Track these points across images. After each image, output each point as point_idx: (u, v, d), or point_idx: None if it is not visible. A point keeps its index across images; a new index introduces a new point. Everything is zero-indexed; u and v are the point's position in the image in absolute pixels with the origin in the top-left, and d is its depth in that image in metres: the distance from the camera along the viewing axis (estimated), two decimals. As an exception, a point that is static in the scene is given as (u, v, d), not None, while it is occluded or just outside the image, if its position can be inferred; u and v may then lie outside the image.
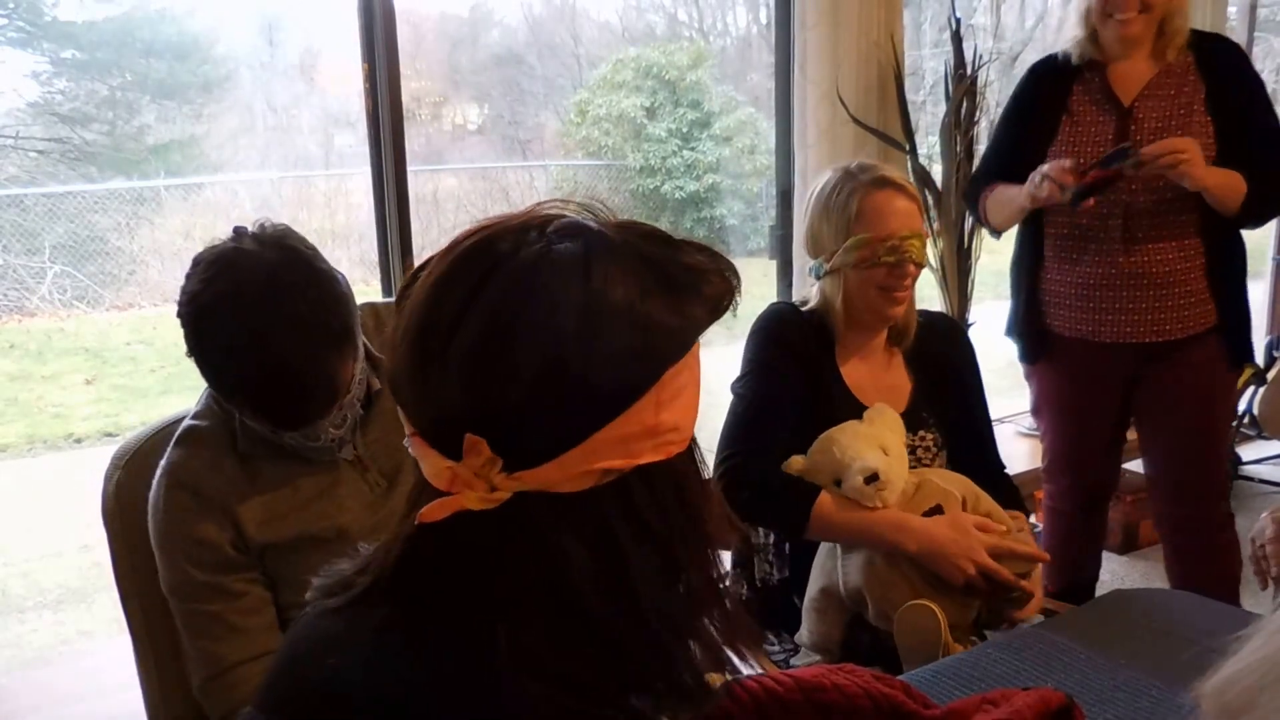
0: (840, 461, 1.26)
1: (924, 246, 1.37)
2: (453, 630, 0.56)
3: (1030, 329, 1.89)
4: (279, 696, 0.61)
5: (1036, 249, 1.85)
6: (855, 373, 1.41)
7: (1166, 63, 1.72)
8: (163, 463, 1.08)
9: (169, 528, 1.05)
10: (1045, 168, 1.67)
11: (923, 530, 1.23)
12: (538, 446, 0.54)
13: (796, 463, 1.31)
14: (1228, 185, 1.66)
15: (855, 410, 1.37)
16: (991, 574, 1.21)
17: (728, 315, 0.61)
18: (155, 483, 1.07)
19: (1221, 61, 1.73)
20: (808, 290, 1.48)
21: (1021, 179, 1.76)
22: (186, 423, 1.10)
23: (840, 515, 1.25)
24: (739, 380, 1.41)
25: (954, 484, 1.31)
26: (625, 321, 0.54)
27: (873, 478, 1.24)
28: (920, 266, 1.37)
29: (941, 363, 1.46)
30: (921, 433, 1.41)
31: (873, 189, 1.35)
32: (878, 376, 1.43)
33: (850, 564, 1.28)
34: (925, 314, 1.52)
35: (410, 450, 0.58)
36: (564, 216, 0.58)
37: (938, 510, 1.27)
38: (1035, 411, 2.00)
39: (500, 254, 0.56)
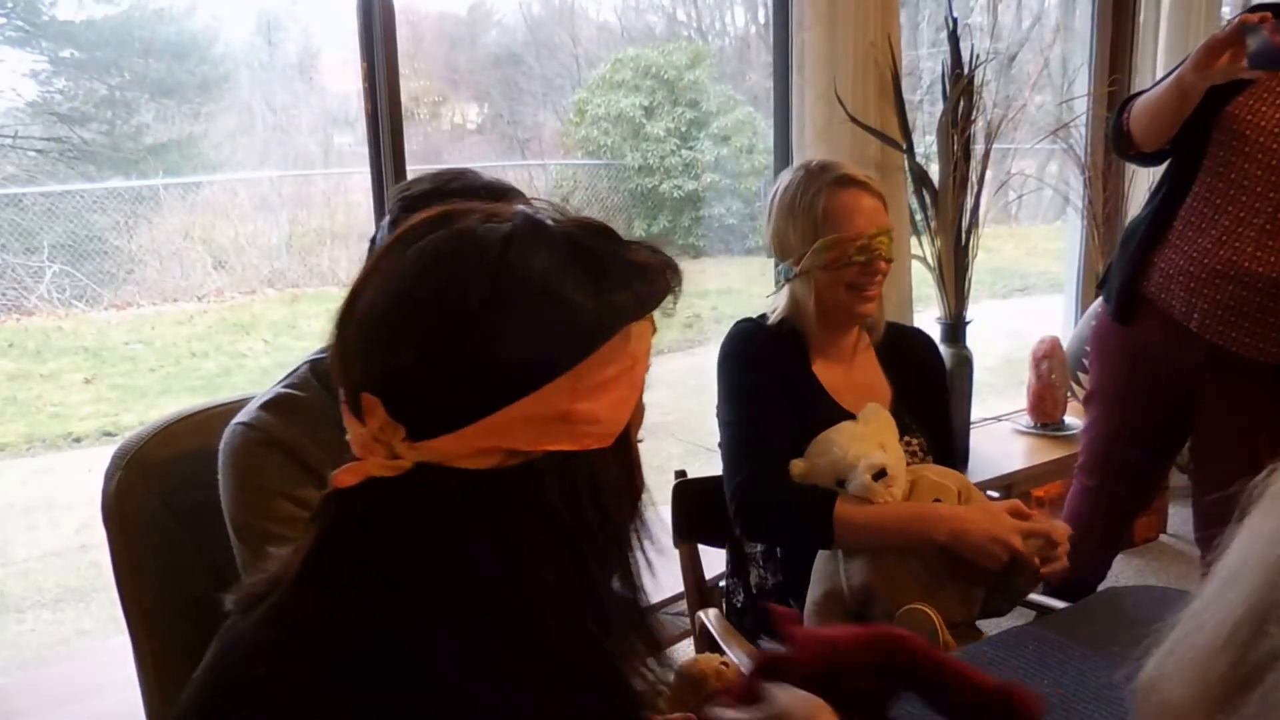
0: (843, 461, 1.26)
1: (891, 242, 1.36)
2: (372, 624, 0.55)
3: (1128, 289, 1.72)
4: (209, 713, 0.57)
5: (1170, 207, 1.65)
6: (830, 375, 1.41)
7: None
8: (245, 420, 1.02)
9: (258, 478, 0.99)
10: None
11: (954, 517, 1.21)
12: (437, 415, 0.53)
13: (796, 466, 1.31)
14: None
15: (834, 413, 1.38)
16: (1021, 558, 1.20)
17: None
18: (235, 436, 1.01)
19: None
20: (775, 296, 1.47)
21: (1191, 122, 1.54)
22: (280, 390, 1.04)
23: (864, 516, 1.23)
24: (724, 408, 1.40)
25: (948, 478, 1.32)
26: (536, 296, 0.53)
27: (881, 473, 1.24)
28: (889, 262, 1.36)
29: (918, 372, 1.47)
30: (906, 438, 1.41)
31: (838, 189, 1.34)
32: (854, 378, 1.43)
33: (854, 565, 1.29)
34: (898, 326, 1.53)
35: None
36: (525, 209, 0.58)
37: (936, 503, 1.28)
38: (1087, 400, 1.87)
39: (436, 231, 0.56)
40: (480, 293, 0.52)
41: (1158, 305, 1.69)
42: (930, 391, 1.47)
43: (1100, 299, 1.87)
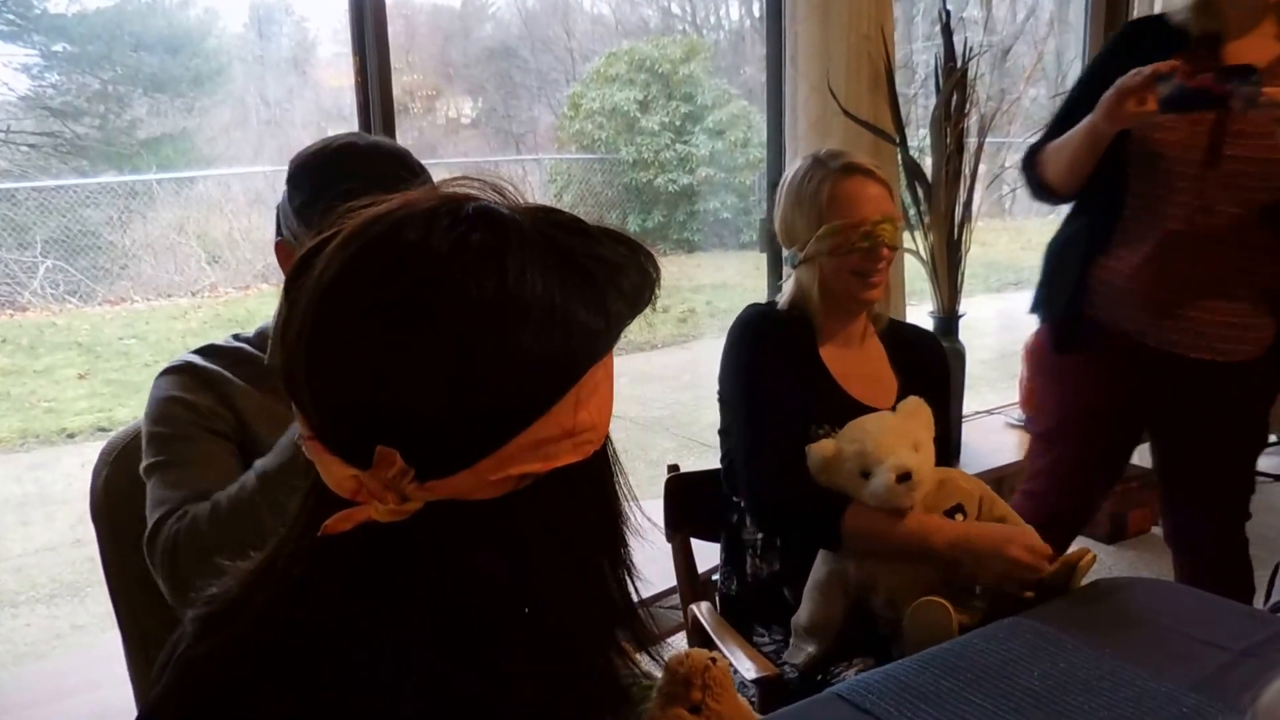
0: (873, 455, 1.24)
1: (896, 229, 1.37)
2: (358, 664, 0.52)
3: (1070, 315, 1.70)
4: None
5: (1101, 230, 1.65)
6: (838, 362, 1.42)
7: None
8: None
9: (157, 395, 1.09)
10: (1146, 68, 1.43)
11: (958, 539, 1.23)
12: (452, 455, 0.50)
13: (826, 447, 1.28)
14: None
15: (842, 400, 1.38)
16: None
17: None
18: (154, 381, 1.12)
19: None
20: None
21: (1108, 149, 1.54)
22: (208, 342, 1.16)
23: (872, 532, 1.25)
24: (733, 392, 1.40)
25: (972, 485, 1.31)
26: (545, 321, 0.51)
27: (905, 476, 1.22)
28: (894, 249, 1.37)
29: (923, 373, 1.48)
30: None
31: (843, 176, 1.36)
32: (861, 367, 1.44)
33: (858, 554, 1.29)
34: (909, 326, 1.54)
35: (306, 453, 0.54)
36: (474, 199, 0.54)
37: (958, 509, 1.27)
38: (1037, 411, 1.82)
39: (408, 244, 0.51)
40: (489, 326, 0.50)
41: (1108, 328, 1.68)
42: (934, 394, 1.47)
43: (1038, 329, 1.83)
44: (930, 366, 1.50)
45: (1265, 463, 3.32)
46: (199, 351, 1.14)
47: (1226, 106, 1.43)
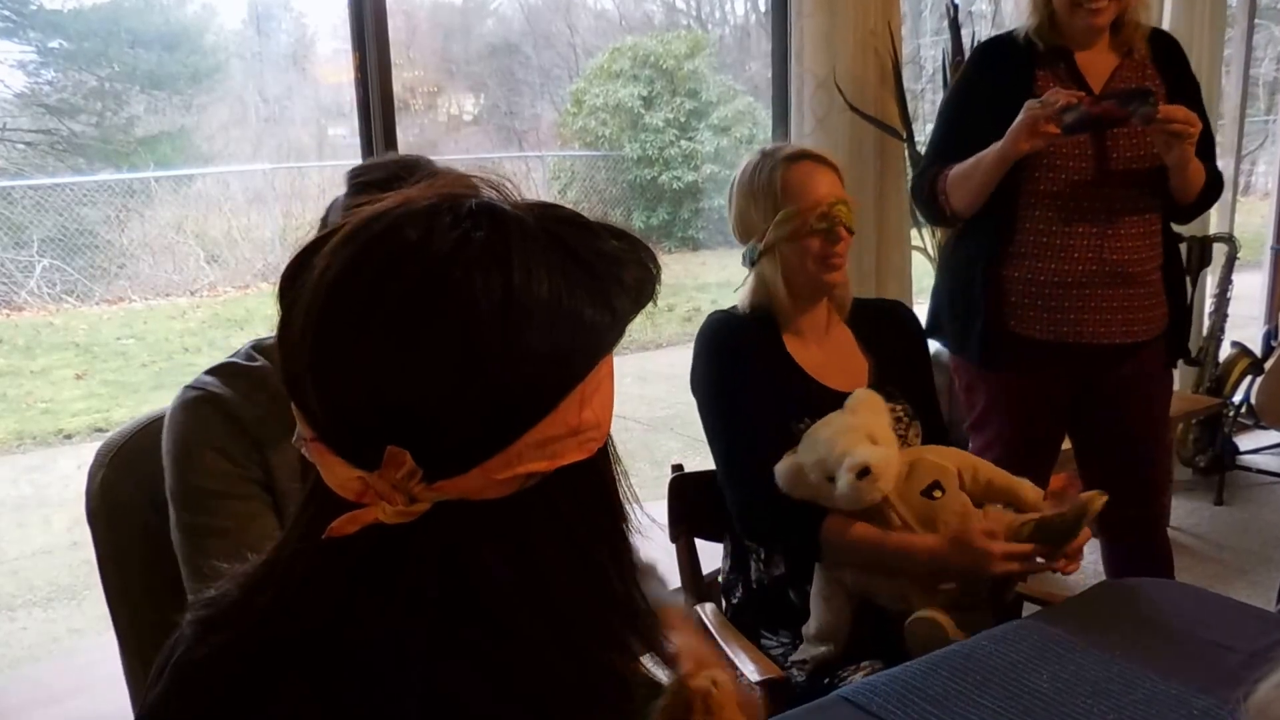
0: (829, 458, 1.24)
1: (852, 212, 1.37)
2: (361, 665, 0.52)
3: (994, 332, 1.76)
4: None
5: (1004, 241, 1.74)
6: (806, 355, 1.42)
7: (1129, 55, 1.72)
8: (189, 382, 1.05)
9: (189, 434, 1.01)
10: (1047, 94, 1.58)
11: (931, 558, 1.23)
12: (460, 454, 0.51)
13: (787, 465, 1.28)
14: (1200, 171, 1.66)
15: (815, 392, 1.37)
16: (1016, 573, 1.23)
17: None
18: (177, 398, 1.04)
19: (1174, 59, 1.74)
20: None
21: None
22: (226, 359, 1.07)
23: (850, 543, 1.26)
24: (709, 411, 1.40)
25: (949, 458, 1.30)
26: (551, 319, 0.51)
27: (864, 472, 1.21)
28: (851, 231, 1.37)
29: (894, 340, 1.48)
30: (891, 405, 1.40)
31: (792, 163, 1.37)
32: (831, 356, 1.44)
33: None
34: (870, 300, 1.55)
35: (307, 455, 0.54)
36: (474, 196, 0.54)
37: (936, 486, 1.26)
38: (979, 424, 1.85)
39: (409, 243, 0.51)
40: (494, 324, 0.50)
41: (1026, 335, 1.76)
42: (909, 357, 1.48)
43: (953, 352, 1.89)
44: (902, 336, 1.50)
45: (1268, 462, 3.33)
46: (219, 375, 1.04)
47: (1126, 125, 1.58)
